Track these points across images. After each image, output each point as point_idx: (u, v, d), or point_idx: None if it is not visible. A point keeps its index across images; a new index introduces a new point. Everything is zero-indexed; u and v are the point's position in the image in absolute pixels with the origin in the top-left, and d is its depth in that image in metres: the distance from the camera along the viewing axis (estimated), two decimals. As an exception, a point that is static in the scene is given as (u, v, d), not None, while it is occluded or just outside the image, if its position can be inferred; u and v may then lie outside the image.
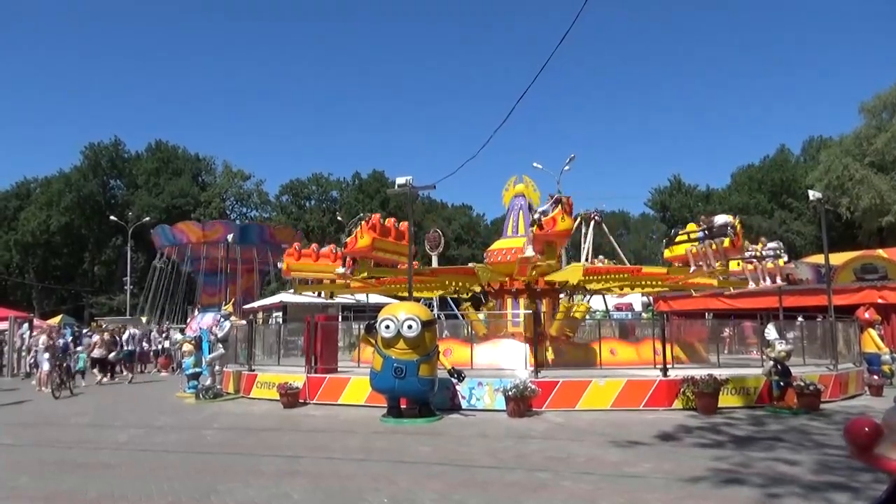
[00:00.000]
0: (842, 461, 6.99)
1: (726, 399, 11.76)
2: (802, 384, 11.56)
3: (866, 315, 16.28)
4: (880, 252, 30.98)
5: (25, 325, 24.36)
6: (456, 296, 20.77)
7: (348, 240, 15.41)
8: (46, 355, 17.42)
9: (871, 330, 16.03)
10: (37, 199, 63.80)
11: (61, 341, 18.46)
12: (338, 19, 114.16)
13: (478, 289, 18.29)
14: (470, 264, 17.95)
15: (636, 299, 32.34)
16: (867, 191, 43.96)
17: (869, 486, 5.89)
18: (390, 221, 15.79)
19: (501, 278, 16.86)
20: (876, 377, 14.66)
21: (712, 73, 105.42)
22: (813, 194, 16.05)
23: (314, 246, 17.54)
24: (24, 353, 23.13)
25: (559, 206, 13.13)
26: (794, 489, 6.04)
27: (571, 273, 16.51)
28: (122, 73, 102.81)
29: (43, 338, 18.94)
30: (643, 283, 18.83)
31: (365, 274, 16.32)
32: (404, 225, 15.74)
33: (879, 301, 25.36)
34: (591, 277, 17.30)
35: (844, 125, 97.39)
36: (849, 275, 29.52)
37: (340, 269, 15.98)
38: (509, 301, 17.15)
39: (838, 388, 13.40)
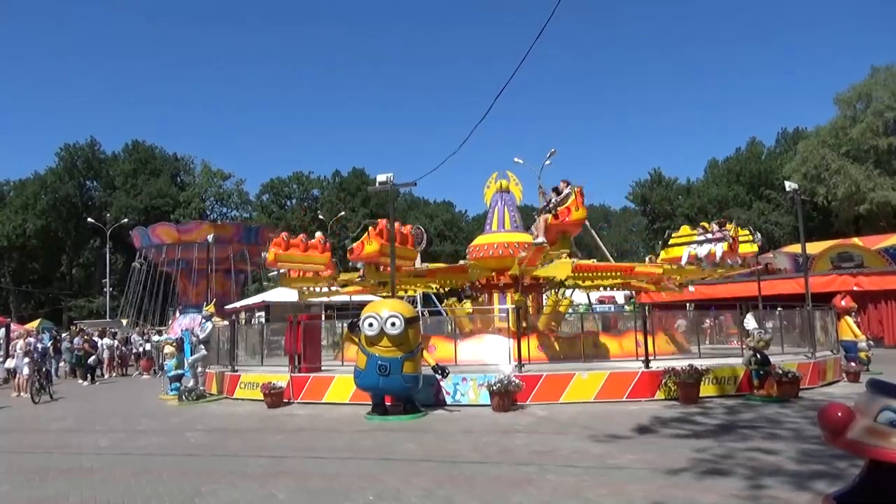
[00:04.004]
0: (820, 448, 7.10)
1: (707, 389, 11.90)
2: (781, 372, 11.72)
3: (842, 303, 16.55)
4: (856, 241, 31.61)
5: (2, 330, 23.97)
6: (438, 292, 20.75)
7: (354, 245, 15.36)
8: (25, 360, 17.18)
9: (847, 317, 16.30)
10: (11, 202, 62.68)
11: (40, 345, 18.18)
12: (317, 18, 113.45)
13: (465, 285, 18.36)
14: (461, 262, 17.89)
15: (618, 292, 32.54)
16: (843, 180, 44.72)
17: (845, 472, 5.99)
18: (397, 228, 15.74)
19: (489, 273, 16.87)
20: (853, 364, 14.91)
21: (686, 66, 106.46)
22: (789, 185, 16.23)
23: (302, 236, 16.84)
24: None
25: (573, 196, 13.26)
26: (775, 477, 6.14)
27: (560, 269, 16.43)
28: (97, 73, 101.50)
29: (20, 342, 18.67)
30: (635, 279, 18.78)
31: (373, 281, 16.21)
32: (407, 228, 16.00)
33: (855, 289, 25.91)
34: (582, 275, 17.23)
35: (815, 116, 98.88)
36: (826, 263, 30.06)
37: (358, 279, 16.25)
38: (496, 296, 17.19)
39: (816, 375, 13.62)
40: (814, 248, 29.64)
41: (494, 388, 11.21)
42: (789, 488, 5.71)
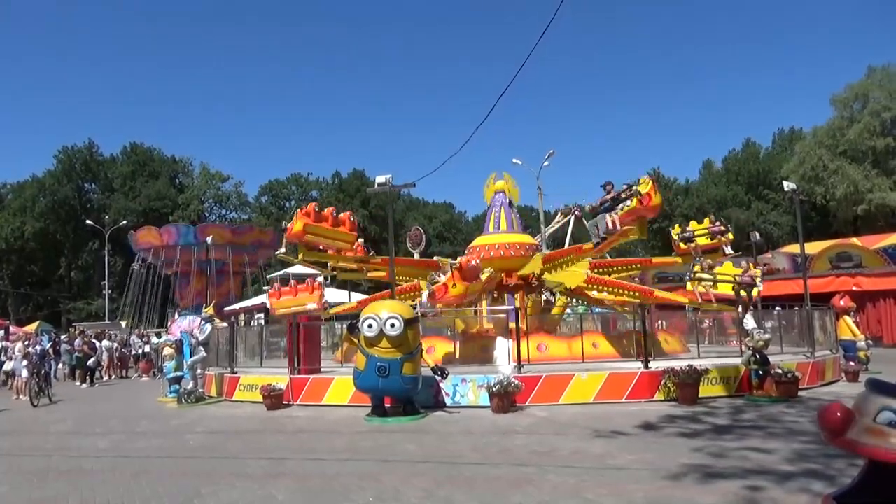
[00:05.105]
0: (819, 448, 7.11)
1: (707, 389, 11.89)
2: (780, 372, 11.73)
3: (841, 303, 16.58)
4: (854, 240, 31.60)
5: (1, 333, 23.96)
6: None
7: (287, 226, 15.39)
8: (24, 363, 17.16)
9: (846, 317, 16.33)
10: (9, 204, 62.70)
11: (38, 348, 18.16)
12: (317, 18, 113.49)
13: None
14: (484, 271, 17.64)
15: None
16: (842, 180, 44.78)
17: (844, 472, 6.00)
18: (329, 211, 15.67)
19: (499, 275, 16.77)
20: (852, 363, 14.93)
21: (685, 66, 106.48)
22: (787, 185, 16.24)
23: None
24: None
25: (652, 183, 13.95)
26: (774, 477, 6.15)
27: (571, 277, 16.19)
28: (96, 73, 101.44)
29: (19, 345, 18.65)
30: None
31: (300, 257, 15.98)
32: (345, 214, 16.00)
33: (854, 288, 25.94)
34: (594, 287, 16.98)
35: (811, 117, 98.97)
36: (824, 263, 30.08)
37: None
38: (504, 296, 17.14)
39: (815, 375, 13.62)
40: (812, 248, 29.67)
41: (494, 389, 11.20)
42: (788, 488, 5.72)
